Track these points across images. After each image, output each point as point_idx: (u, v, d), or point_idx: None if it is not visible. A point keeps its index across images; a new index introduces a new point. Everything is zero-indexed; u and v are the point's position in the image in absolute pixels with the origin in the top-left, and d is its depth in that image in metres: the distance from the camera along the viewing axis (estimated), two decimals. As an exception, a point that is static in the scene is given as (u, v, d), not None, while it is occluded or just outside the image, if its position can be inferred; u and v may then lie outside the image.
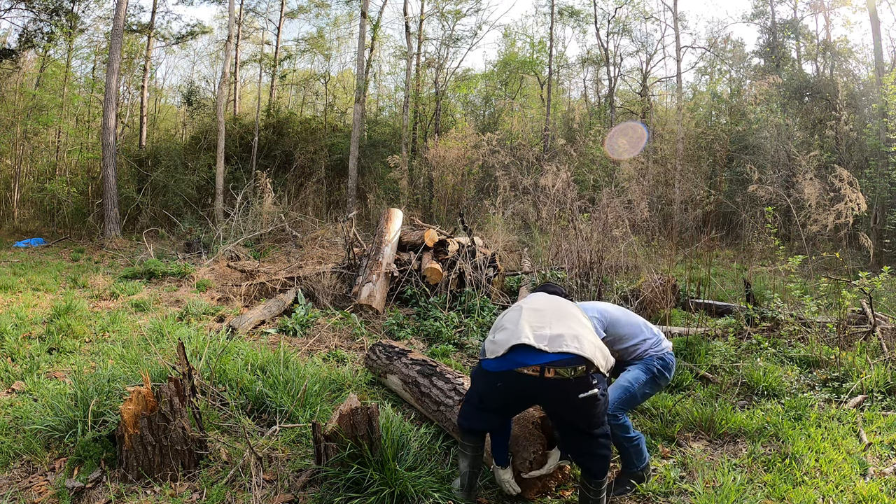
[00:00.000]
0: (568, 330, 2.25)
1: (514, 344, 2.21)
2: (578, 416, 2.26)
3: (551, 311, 2.41)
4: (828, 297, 5.40)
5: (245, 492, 2.58)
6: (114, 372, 3.49)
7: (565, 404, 2.22)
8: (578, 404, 2.19)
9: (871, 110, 13.71)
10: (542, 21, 23.12)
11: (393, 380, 3.80)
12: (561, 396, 2.20)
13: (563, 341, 2.19)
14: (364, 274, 6.64)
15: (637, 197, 6.56)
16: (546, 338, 2.21)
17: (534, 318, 2.33)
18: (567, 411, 2.26)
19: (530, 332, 2.24)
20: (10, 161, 16.85)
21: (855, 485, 2.70)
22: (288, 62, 22.63)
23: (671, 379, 3.04)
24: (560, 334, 2.21)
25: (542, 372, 2.14)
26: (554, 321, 2.31)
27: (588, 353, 2.19)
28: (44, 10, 16.63)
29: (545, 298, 2.64)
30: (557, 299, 2.64)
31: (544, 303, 2.54)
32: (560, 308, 2.49)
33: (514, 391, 2.26)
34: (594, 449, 2.30)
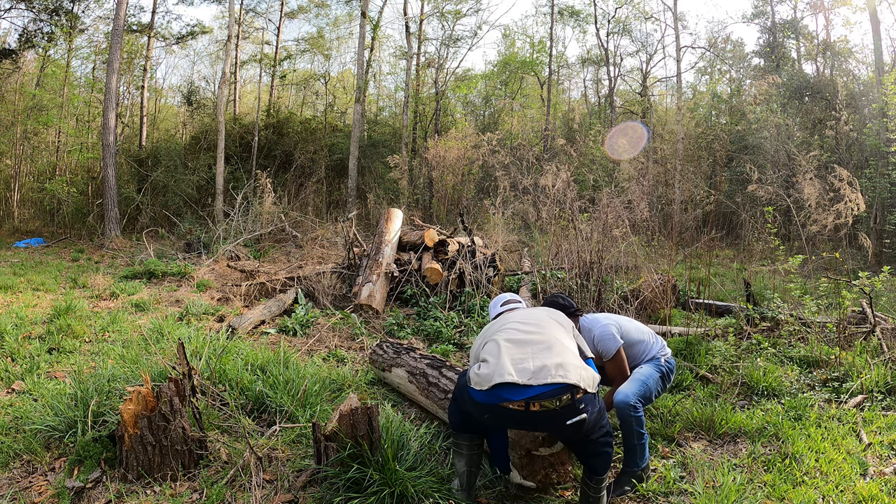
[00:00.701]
0: (550, 360, 2.20)
1: (496, 383, 2.17)
2: (572, 435, 2.29)
3: (532, 340, 2.33)
4: (828, 297, 5.40)
5: (245, 492, 2.58)
6: (114, 372, 3.49)
7: (556, 430, 2.27)
8: (568, 429, 2.19)
9: (871, 110, 13.71)
10: (542, 21, 23.14)
11: (398, 373, 3.81)
12: (549, 425, 2.22)
13: (548, 373, 2.15)
14: (364, 274, 6.65)
15: (637, 197, 6.56)
16: (529, 372, 2.17)
17: (514, 351, 2.26)
18: (559, 434, 2.33)
19: (512, 367, 2.18)
20: (10, 161, 16.85)
21: (855, 485, 2.70)
22: (288, 62, 22.64)
23: (672, 382, 3.24)
24: (543, 366, 2.17)
25: (527, 406, 2.13)
26: (536, 353, 2.25)
27: (573, 379, 2.16)
28: (44, 10, 16.63)
29: (523, 319, 2.51)
30: (538, 317, 2.54)
31: (523, 327, 2.43)
32: (541, 330, 2.40)
33: (502, 420, 2.27)
34: (596, 448, 2.34)
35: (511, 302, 2.87)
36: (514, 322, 2.49)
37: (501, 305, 2.85)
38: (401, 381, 3.77)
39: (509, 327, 2.44)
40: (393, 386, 3.94)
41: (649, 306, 6.01)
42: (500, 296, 2.97)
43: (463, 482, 2.53)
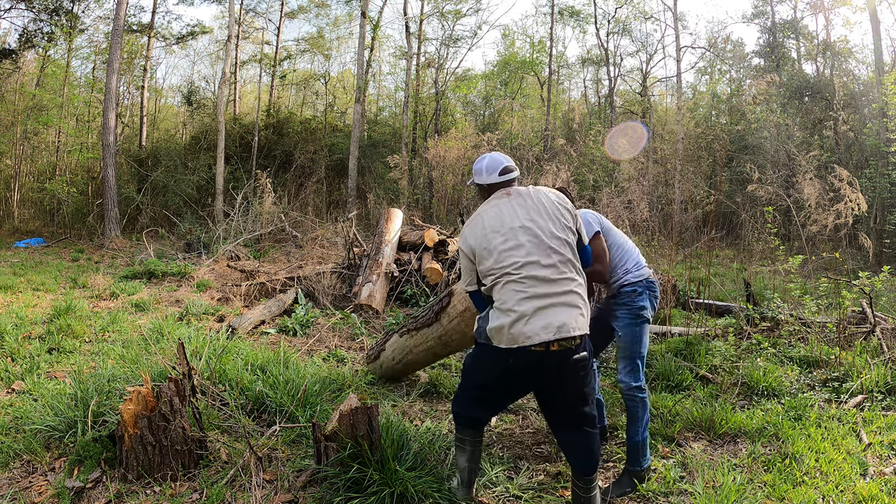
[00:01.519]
0: (570, 315, 2.25)
1: (528, 345, 2.22)
2: (573, 385, 2.33)
3: (553, 293, 2.26)
4: (828, 297, 5.40)
5: (245, 492, 2.58)
6: (114, 372, 3.49)
7: (565, 370, 2.28)
8: (574, 369, 2.29)
9: (871, 110, 13.71)
10: (542, 21, 23.15)
11: (390, 344, 3.95)
12: (562, 363, 2.26)
13: (568, 329, 2.23)
14: (364, 274, 6.65)
15: (637, 197, 6.56)
16: (554, 328, 2.22)
17: (539, 308, 2.22)
18: (564, 381, 2.32)
19: (540, 328, 2.21)
20: (10, 161, 16.86)
21: (855, 485, 2.70)
22: (288, 62, 22.65)
23: (657, 304, 2.98)
24: (564, 323, 2.23)
25: (546, 347, 2.23)
26: (559, 311, 2.24)
27: (584, 328, 2.29)
28: (44, 10, 16.63)
29: (539, 252, 2.31)
30: (549, 246, 2.32)
31: (543, 271, 2.28)
32: (559, 274, 2.29)
33: (520, 367, 2.29)
34: (585, 441, 2.37)
35: (508, 171, 2.55)
36: (530, 259, 2.29)
37: (500, 175, 2.54)
38: (395, 346, 3.80)
39: (529, 271, 2.27)
40: (389, 366, 3.99)
41: (649, 306, 6.00)
42: (495, 157, 2.61)
43: (464, 478, 2.55)
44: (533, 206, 2.41)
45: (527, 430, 3.45)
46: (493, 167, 2.55)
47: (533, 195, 2.46)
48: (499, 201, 2.47)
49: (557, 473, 2.88)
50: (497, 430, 3.42)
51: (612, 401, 3.81)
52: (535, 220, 2.37)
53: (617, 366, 3.02)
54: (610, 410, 3.65)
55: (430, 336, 3.62)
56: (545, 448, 3.21)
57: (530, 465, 2.98)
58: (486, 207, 2.48)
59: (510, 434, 3.39)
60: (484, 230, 2.40)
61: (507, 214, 2.40)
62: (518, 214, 2.39)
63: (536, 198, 2.45)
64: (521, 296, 2.25)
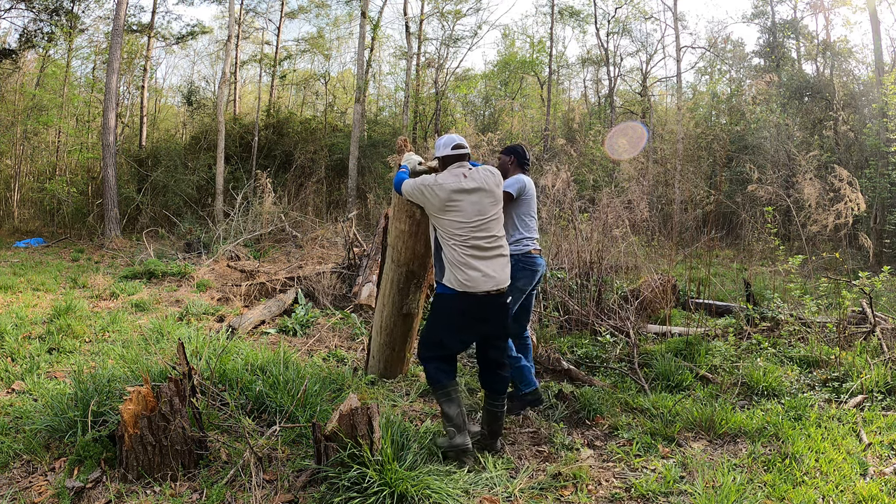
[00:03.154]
0: (504, 272, 3.02)
1: (481, 290, 2.96)
2: (497, 324, 3.06)
3: (492, 256, 2.98)
4: (828, 297, 5.40)
5: (245, 492, 2.58)
6: (114, 372, 3.49)
7: (496, 311, 3.02)
8: (503, 310, 3.06)
9: (870, 110, 13.71)
10: (542, 21, 23.16)
11: (385, 271, 4.04)
12: (496, 303, 3.01)
13: (503, 279, 3.02)
14: (364, 274, 6.64)
15: (637, 197, 6.56)
16: (495, 280, 2.98)
17: (487, 268, 2.94)
18: (497, 318, 3.04)
19: (489, 280, 2.95)
20: (10, 161, 16.86)
21: (855, 485, 2.70)
22: (288, 62, 22.63)
23: (533, 281, 3.62)
24: (503, 278, 3.01)
25: (488, 293, 2.98)
26: (498, 269, 2.99)
27: (508, 278, 3.06)
28: (44, 10, 16.63)
29: (480, 223, 2.97)
30: (489, 217, 3.00)
31: (484, 242, 2.96)
32: (496, 243, 3.01)
33: (473, 308, 2.99)
34: (502, 372, 3.13)
35: (461, 147, 3.14)
36: (472, 229, 2.95)
37: (452, 149, 3.13)
38: (377, 307, 4.08)
39: (475, 242, 2.95)
40: (379, 347, 4.12)
41: (649, 306, 6.01)
42: (451, 136, 3.21)
43: (459, 423, 2.92)
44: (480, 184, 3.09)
45: (527, 430, 3.45)
46: (451, 142, 3.17)
47: (479, 178, 3.08)
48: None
49: (557, 473, 2.88)
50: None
51: (611, 401, 3.81)
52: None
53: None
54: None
55: (389, 268, 3.90)
56: (545, 448, 3.21)
57: (530, 464, 2.99)
58: (453, 175, 3.09)
59: (510, 434, 3.39)
60: (450, 191, 3.03)
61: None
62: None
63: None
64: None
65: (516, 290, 3.52)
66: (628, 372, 4.35)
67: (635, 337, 4.90)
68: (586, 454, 3.12)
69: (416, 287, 3.93)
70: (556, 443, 3.23)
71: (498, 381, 3.11)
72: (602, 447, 3.24)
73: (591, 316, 5.45)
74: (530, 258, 3.59)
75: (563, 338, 5.19)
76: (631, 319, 5.36)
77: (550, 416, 3.63)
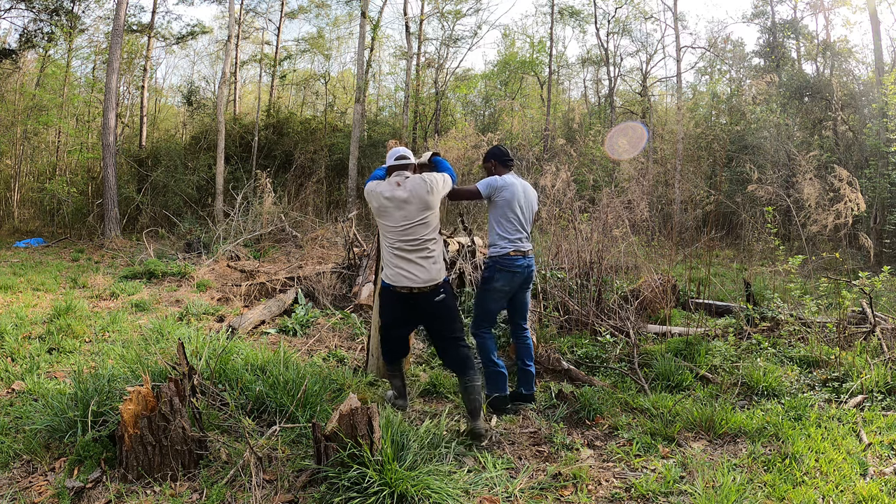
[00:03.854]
0: (427, 273, 3.25)
1: (404, 285, 3.28)
2: (438, 318, 3.32)
3: (415, 259, 3.25)
4: (828, 297, 5.40)
5: (245, 492, 2.58)
6: (114, 372, 3.49)
7: (429, 307, 3.29)
8: (436, 306, 3.29)
9: (870, 110, 13.71)
10: (542, 21, 23.15)
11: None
12: (426, 303, 3.29)
13: (421, 280, 3.25)
14: (364, 274, 6.64)
15: (637, 197, 6.56)
16: (421, 280, 3.24)
17: (411, 267, 3.25)
18: (432, 313, 3.31)
19: (412, 278, 3.24)
20: (10, 161, 16.86)
21: (855, 485, 2.70)
22: (288, 62, 22.63)
23: (514, 281, 3.70)
24: (419, 278, 3.24)
25: (411, 290, 3.27)
26: (422, 270, 3.24)
27: (435, 277, 3.27)
28: (44, 10, 16.63)
29: (406, 229, 3.25)
30: (414, 222, 3.25)
31: (407, 244, 3.26)
32: (419, 246, 3.26)
33: (402, 302, 3.35)
34: (456, 350, 3.32)
35: (403, 158, 3.39)
36: (399, 233, 3.27)
37: (395, 160, 3.40)
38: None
39: (400, 244, 3.27)
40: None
41: (649, 306, 6.01)
42: (397, 149, 3.49)
43: (401, 391, 3.59)
44: (410, 194, 3.35)
45: (527, 430, 3.45)
46: (394, 155, 3.44)
47: (411, 186, 3.34)
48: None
49: (557, 473, 2.89)
50: (497, 430, 3.42)
51: (611, 401, 3.81)
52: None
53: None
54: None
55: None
56: (545, 448, 3.21)
57: (530, 464, 2.99)
58: (387, 184, 3.42)
59: (510, 434, 3.39)
60: (381, 199, 3.35)
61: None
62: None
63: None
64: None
65: (495, 290, 3.68)
66: (628, 372, 4.35)
67: (635, 337, 4.90)
68: (586, 454, 3.12)
69: None
70: (556, 443, 3.23)
71: (456, 362, 3.35)
72: (602, 447, 3.24)
73: (591, 316, 5.45)
74: (508, 259, 3.65)
75: (563, 338, 5.19)
76: (631, 319, 5.36)
77: (550, 416, 3.64)
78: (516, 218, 3.70)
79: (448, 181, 3.40)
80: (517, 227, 3.70)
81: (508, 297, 3.78)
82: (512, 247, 3.66)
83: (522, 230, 3.74)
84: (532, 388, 3.86)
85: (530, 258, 3.76)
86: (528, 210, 3.79)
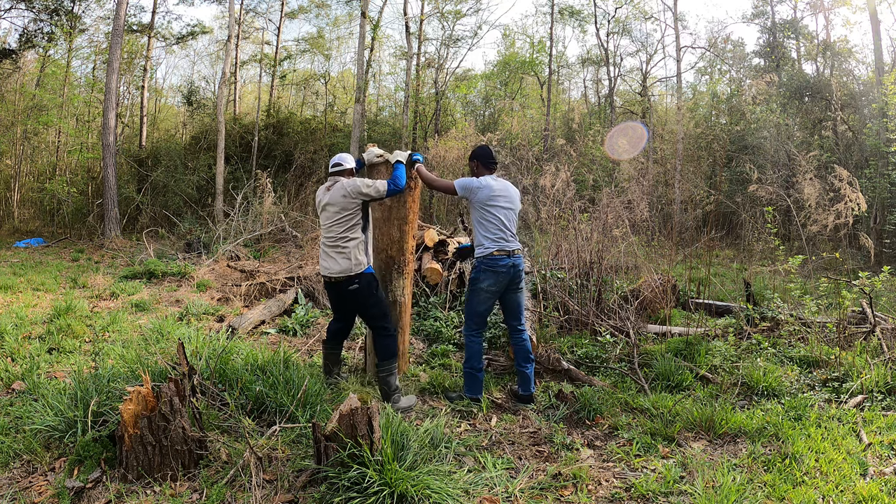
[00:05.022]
0: (336, 264, 3.69)
1: (325, 275, 3.79)
2: (357, 305, 3.80)
3: (332, 254, 3.70)
4: (828, 297, 5.40)
5: (245, 492, 2.58)
6: (114, 372, 3.49)
7: (345, 295, 3.75)
8: (351, 294, 3.72)
9: (870, 110, 13.71)
10: (542, 21, 23.16)
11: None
12: (342, 290, 3.74)
13: (335, 271, 3.70)
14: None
15: (637, 197, 6.56)
16: (336, 270, 3.70)
17: (329, 262, 3.71)
18: (350, 303, 3.80)
19: (329, 269, 3.72)
20: (10, 161, 16.85)
21: (855, 485, 2.70)
22: (288, 62, 22.63)
23: (499, 281, 3.73)
24: (332, 269, 3.70)
25: (330, 279, 3.76)
26: (335, 262, 3.68)
27: (353, 270, 3.66)
28: (44, 10, 16.63)
29: (326, 224, 3.75)
30: (332, 220, 3.69)
31: (328, 240, 3.73)
32: (336, 242, 3.68)
33: (328, 288, 3.87)
34: (376, 338, 3.79)
35: (336, 165, 3.86)
36: (324, 230, 3.78)
37: (332, 166, 3.87)
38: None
39: (324, 238, 3.78)
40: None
41: (649, 306, 6.01)
42: (336, 156, 3.93)
43: (330, 370, 4.03)
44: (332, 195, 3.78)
45: (527, 430, 3.45)
46: (331, 162, 3.92)
47: (336, 188, 3.76)
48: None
49: (557, 473, 2.89)
50: (497, 430, 3.42)
51: (611, 401, 3.81)
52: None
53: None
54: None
55: (372, 258, 4.26)
56: (545, 448, 3.21)
57: (530, 464, 2.99)
58: (323, 186, 3.92)
59: (510, 434, 3.39)
60: (317, 199, 3.87)
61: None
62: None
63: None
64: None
65: (482, 290, 3.74)
66: (628, 372, 4.35)
67: (635, 337, 4.90)
68: (586, 454, 3.12)
69: (398, 273, 4.13)
70: (556, 443, 3.23)
71: (377, 348, 3.80)
72: (602, 447, 3.24)
73: (591, 316, 5.45)
74: (492, 259, 3.70)
75: (563, 338, 5.19)
76: (631, 319, 5.36)
77: (550, 416, 3.64)
78: (496, 218, 3.75)
79: (377, 186, 3.70)
80: (499, 226, 3.74)
81: (496, 297, 3.80)
82: (495, 246, 3.70)
83: (506, 229, 3.77)
84: (529, 389, 3.85)
85: (517, 258, 3.78)
86: (510, 209, 3.83)
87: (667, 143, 17.24)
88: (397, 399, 3.71)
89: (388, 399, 3.71)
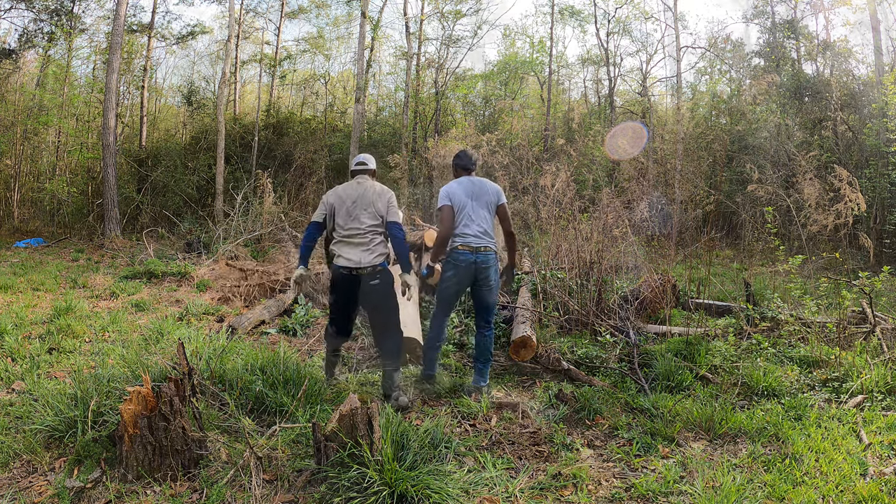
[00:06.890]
0: (365, 255, 3.72)
1: (345, 266, 3.75)
2: (379, 297, 3.77)
3: (360, 244, 3.74)
4: (828, 297, 5.40)
5: (245, 492, 2.58)
6: (114, 372, 3.49)
7: (366, 289, 3.71)
8: (373, 287, 3.73)
9: (870, 110, 13.70)
10: (543, 21, 23.15)
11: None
12: (363, 283, 3.73)
13: (366, 261, 3.72)
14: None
15: (638, 197, 6.56)
16: (359, 263, 3.72)
17: (353, 252, 3.73)
18: (370, 295, 3.74)
19: (353, 260, 3.73)
20: (10, 161, 16.83)
21: (855, 485, 2.70)
22: (288, 62, 22.61)
23: (460, 275, 3.94)
24: (361, 260, 3.71)
25: (351, 271, 3.74)
26: (363, 253, 3.72)
27: (373, 261, 3.72)
28: (44, 10, 16.62)
29: (351, 220, 3.78)
30: (361, 216, 3.77)
31: (354, 234, 3.76)
32: (363, 238, 3.75)
33: (345, 282, 3.78)
34: (390, 337, 3.82)
35: (362, 165, 3.99)
36: (350, 221, 3.79)
37: (356, 165, 4.00)
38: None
39: (346, 232, 3.78)
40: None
41: (649, 306, 6.00)
42: (359, 156, 4.04)
43: (331, 371, 4.06)
44: (363, 192, 3.87)
45: (527, 430, 3.45)
46: (355, 161, 4.05)
47: (367, 186, 3.90)
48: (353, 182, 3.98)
49: (557, 473, 2.89)
50: (497, 430, 3.42)
51: (611, 401, 3.81)
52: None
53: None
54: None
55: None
56: (545, 448, 3.21)
57: (530, 464, 2.98)
58: (348, 183, 3.99)
59: (510, 434, 3.39)
60: (339, 197, 3.89)
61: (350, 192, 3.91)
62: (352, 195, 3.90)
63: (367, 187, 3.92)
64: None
65: (445, 279, 4.02)
66: (628, 372, 4.35)
67: (635, 337, 4.90)
68: (586, 454, 3.12)
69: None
70: (556, 443, 3.23)
71: (387, 343, 3.82)
72: (602, 447, 3.24)
73: (591, 316, 5.45)
74: (455, 253, 3.94)
75: (563, 338, 5.19)
76: (631, 319, 5.36)
77: (550, 416, 3.64)
78: (465, 214, 3.96)
79: (402, 224, 3.89)
80: (466, 223, 3.94)
81: (460, 288, 4.03)
82: (460, 241, 3.94)
83: (471, 224, 3.93)
84: (480, 381, 4.01)
85: (483, 254, 3.92)
86: (480, 205, 4.01)
87: (667, 143, 17.22)
88: (398, 396, 3.73)
89: (390, 396, 3.74)
